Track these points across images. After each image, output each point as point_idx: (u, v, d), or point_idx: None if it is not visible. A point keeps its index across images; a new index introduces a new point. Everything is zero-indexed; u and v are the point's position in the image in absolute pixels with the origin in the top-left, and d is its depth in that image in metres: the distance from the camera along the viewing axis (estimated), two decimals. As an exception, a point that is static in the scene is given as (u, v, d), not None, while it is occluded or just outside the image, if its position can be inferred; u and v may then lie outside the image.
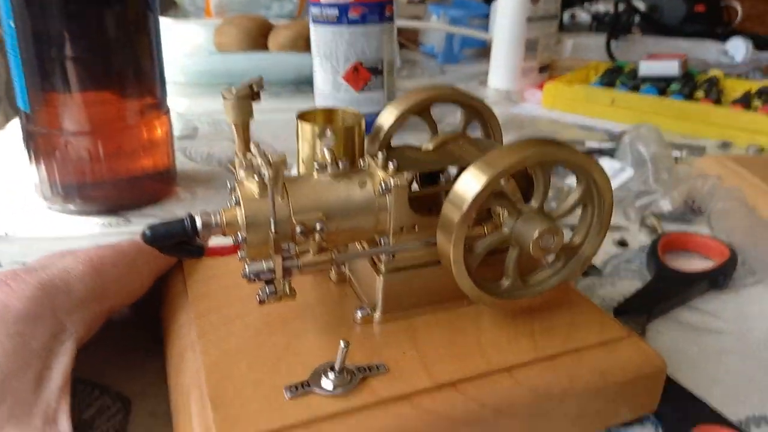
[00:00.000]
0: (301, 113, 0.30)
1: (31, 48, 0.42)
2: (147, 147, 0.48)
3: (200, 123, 0.69)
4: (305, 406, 0.23)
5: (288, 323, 0.28)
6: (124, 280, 0.29)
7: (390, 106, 0.32)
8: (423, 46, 1.08)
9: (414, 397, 0.24)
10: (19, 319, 0.25)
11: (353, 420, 0.23)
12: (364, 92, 0.63)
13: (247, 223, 0.25)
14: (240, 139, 0.29)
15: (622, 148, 0.54)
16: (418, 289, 0.29)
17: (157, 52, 0.47)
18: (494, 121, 0.34)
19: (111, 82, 0.44)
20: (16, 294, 0.25)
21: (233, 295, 0.30)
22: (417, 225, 0.27)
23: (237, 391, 0.24)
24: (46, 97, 0.43)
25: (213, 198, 0.51)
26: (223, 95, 0.28)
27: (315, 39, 0.63)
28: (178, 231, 0.25)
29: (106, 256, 0.29)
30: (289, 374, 0.25)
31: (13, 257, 0.41)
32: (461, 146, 0.31)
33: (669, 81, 0.74)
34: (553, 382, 0.26)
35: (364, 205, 0.27)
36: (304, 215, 0.26)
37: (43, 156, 0.45)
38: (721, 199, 0.46)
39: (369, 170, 0.28)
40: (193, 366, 0.26)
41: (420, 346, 0.27)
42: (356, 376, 0.24)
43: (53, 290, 0.26)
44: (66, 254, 0.30)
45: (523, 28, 0.82)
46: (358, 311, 0.28)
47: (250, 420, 0.23)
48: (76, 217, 0.47)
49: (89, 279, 0.28)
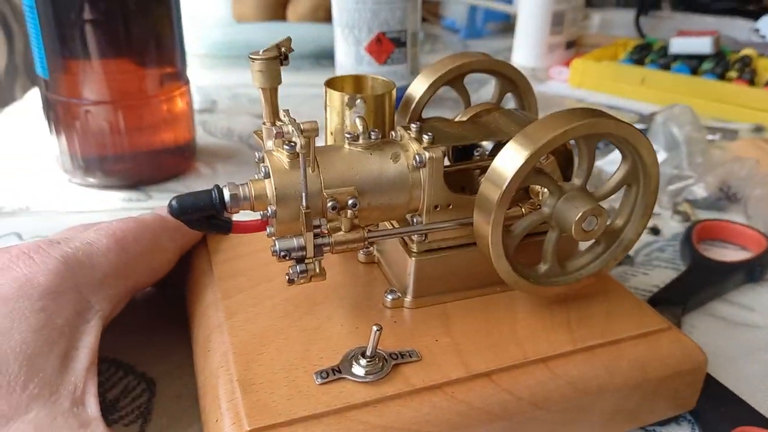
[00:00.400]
0: (329, 80, 0.28)
1: (49, 11, 0.41)
2: (168, 120, 0.47)
3: (219, 96, 0.68)
4: (336, 393, 0.23)
5: (316, 305, 0.27)
6: (149, 257, 0.29)
7: (421, 75, 0.31)
8: (444, 20, 1.05)
9: (447, 387, 0.23)
10: (44, 294, 0.24)
11: (385, 409, 0.22)
12: (387, 65, 0.61)
13: (277, 197, 0.24)
14: (268, 104, 0.27)
15: (654, 130, 0.52)
16: (450, 272, 0.27)
17: (177, 20, 0.46)
18: (530, 92, 0.32)
19: (130, 49, 0.43)
20: (39, 268, 0.25)
21: (260, 275, 0.29)
22: (452, 203, 0.26)
23: (266, 375, 0.23)
24: (65, 63, 0.42)
25: (234, 174, 0.50)
26: (251, 58, 0.26)
27: (336, 8, 0.61)
28: (206, 203, 0.24)
29: (129, 230, 0.28)
30: (319, 359, 0.24)
31: (35, 231, 0.41)
32: (497, 119, 0.29)
33: (701, 59, 0.72)
34: (590, 375, 0.25)
35: (398, 179, 0.25)
36: (335, 189, 0.24)
37: (63, 126, 0.45)
38: (758, 185, 0.44)
39: (401, 143, 0.26)
40: (220, 348, 0.25)
41: (453, 334, 0.26)
42: (388, 362, 0.24)
43: (77, 265, 0.25)
44: (89, 227, 0.29)
45: (549, 0, 0.80)
46: (388, 295, 0.27)
47: (280, 406, 0.22)
48: (97, 190, 0.47)
49: (113, 254, 0.27)
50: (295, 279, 0.25)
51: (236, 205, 0.24)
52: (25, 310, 0.23)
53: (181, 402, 0.27)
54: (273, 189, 0.24)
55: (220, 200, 0.24)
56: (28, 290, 0.24)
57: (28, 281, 0.24)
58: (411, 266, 0.27)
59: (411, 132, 0.26)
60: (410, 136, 0.26)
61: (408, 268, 0.27)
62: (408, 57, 0.62)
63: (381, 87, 0.28)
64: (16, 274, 0.24)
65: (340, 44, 0.63)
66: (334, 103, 0.28)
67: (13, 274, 0.24)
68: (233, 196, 0.24)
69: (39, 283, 0.24)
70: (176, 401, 0.27)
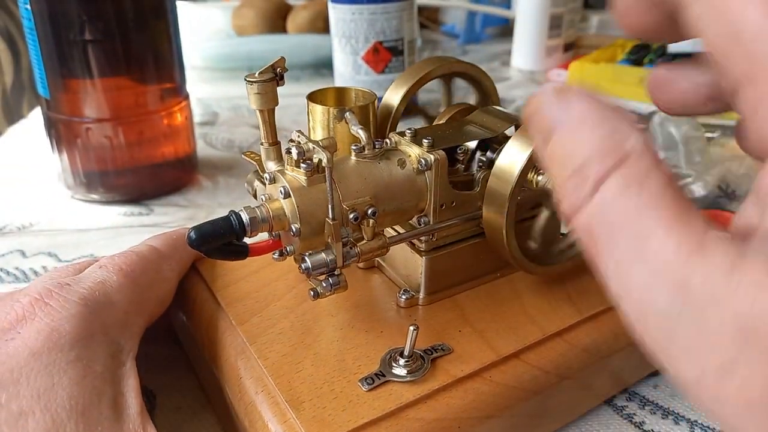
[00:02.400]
0: (311, 94, 0.28)
1: (48, 31, 0.41)
2: (168, 133, 0.47)
3: (220, 108, 0.69)
4: (386, 396, 0.23)
5: (333, 317, 0.27)
6: (156, 288, 0.28)
7: (395, 85, 0.32)
8: (444, 26, 1.06)
9: (484, 373, 0.25)
10: (75, 342, 0.22)
11: (435, 403, 0.23)
12: (384, 74, 0.62)
13: (300, 214, 0.24)
14: (266, 125, 0.27)
15: (652, 130, 0.52)
16: (457, 265, 0.29)
17: (175, 35, 0.46)
18: (494, 91, 0.34)
19: (129, 67, 0.44)
20: (61, 314, 0.23)
21: (267, 295, 0.29)
22: (455, 201, 0.27)
23: (312, 391, 0.23)
24: (65, 82, 0.43)
25: (235, 186, 0.50)
26: (247, 80, 0.26)
27: (334, 19, 0.62)
28: (226, 229, 0.23)
29: (134, 263, 0.27)
30: (357, 366, 0.24)
31: (39, 248, 0.41)
32: (479, 117, 0.30)
33: (700, 58, 0.71)
34: (600, 340, 0.27)
35: (407, 184, 0.26)
36: (353, 200, 0.25)
37: (64, 144, 0.45)
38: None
39: (401, 149, 0.27)
40: (252, 374, 0.25)
41: (473, 322, 0.27)
42: (425, 359, 0.24)
43: (96, 306, 0.24)
44: (89, 264, 0.28)
45: (546, 3, 0.80)
46: (402, 295, 0.28)
47: (338, 418, 0.22)
48: (99, 206, 0.47)
49: (128, 291, 0.26)
50: (326, 292, 0.24)
51: (256, 228, 0.24)
52: (60, 363, 0.22)
53: (181, 414, 0.27)
54: (295, 207, 0.24)
55: (240, 225, 0.23)
56: (57, 340, 0.22)
57: (54, 331, 0.22)
58: (422, 265, 0.28)
59: (406, 138, 0.27)
60: (407, 141, 0.27)
61: (419, 267, 0.28)
62: (405, 65, 0.62)
63: (363, 98, 0.29)
64: (39, 325, 0.22)
65: (338, 54, 0.63)
66: (319, 116, 0.27)
67: (36, 325, 0.22)
68: (252, 220, 0.24)
69: (66, 331, 0.22)
70: (176, 413, 0.27)
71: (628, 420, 0.28)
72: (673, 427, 0.27)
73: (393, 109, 0.31)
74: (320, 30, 0.84)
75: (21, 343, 0.22)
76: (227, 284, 0.30)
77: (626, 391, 0.29)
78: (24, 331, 0.22)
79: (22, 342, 0.22)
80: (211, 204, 0.48)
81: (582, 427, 0.28)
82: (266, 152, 0.27)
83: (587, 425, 0.28)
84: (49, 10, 0.41)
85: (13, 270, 0.39)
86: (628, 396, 0.29)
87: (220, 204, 0.48)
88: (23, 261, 0.40)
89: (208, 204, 0.48)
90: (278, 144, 0.27)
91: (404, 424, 0.22)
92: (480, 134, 0.29)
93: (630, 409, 0.28)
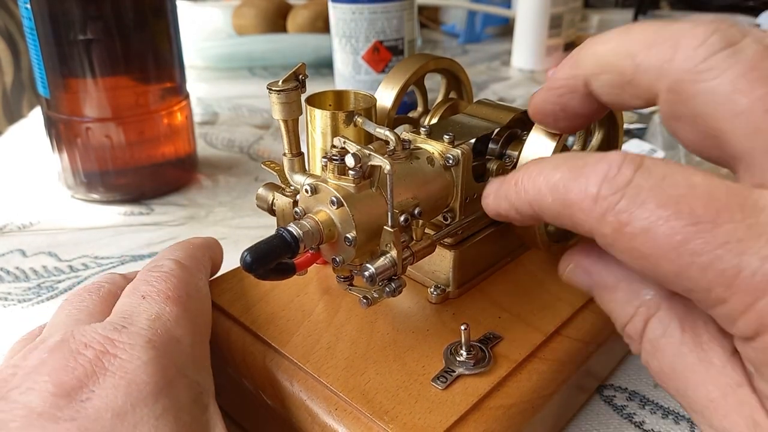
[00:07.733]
0: (310, 97, 0.27)
1: (48, 31, 0.41)
2: (168, 133, 0.47)
3: (220, 108, 0.69)
4: (463, 391, 0.23)
5: (372, 323, 0.26)
6: (204, 310, 0.25)
7: (384, 83, 0.32)
8: (444, 26, 1.06)
9: (538, 353, 0.25)
10: (158, 393, 0.20)
11: (508, 389, 0.24)
12: (384, 73, 0.62)
13: (356, 223, 0.23)
14: (290, 135, 0.25)
15: (653, 129, 0.52)
16: (480, 256, 0.29)
17: (175, 35, 0.46)
18: (469, 85, 0.35)
19: (129, 66, 0.43)
20: (133, 364, 0.20)
21: (295, 312, 0.27)
22: (477, 193, 0.27)
23: (391, 399, 0.23)
24: (65, 82, 0.43)
25: (235, 185, 0.50)
26: (270, 89, 0.24)
27: (334, 18, 0.62)
28: (282, 247, 0.22)
29: (176, 288, 0.24)
30: (422, 367, 0.24)
31: (39, 247, 0.41)
32: (480, 110, 0.31)
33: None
34: None
35: (438, 181, 0.26)
36: (399, 202, 0.24)
37: (65, 143, 0.45)
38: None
39: (422, 146, 0.27)
40: (317, 394, 0.24)
41: (507, 307, 0.27)
42: (485, 349, 0.25)
43: (165, 346, 0.21)
44: (110, 289, 0.25)
45: (546, 3, 0.80)
46: (433, 291, 0.28)
47: (427, 420, 0.22)
48: (99, 205, 0.47)
49: (184, 320, 0.23)
50: (384, 297, 0.24)
51: (309, 243, 0.23)
52: (149, 419, 0.19)
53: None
54: (350, 216, 0.23)
55: (294, 241, 0.22)
56: (139, 395, 0.19)
57: (131, 384, 0.19)
58: (451, 259, 0.28)
59: (421, 135, 0.27)
60: (422, 138, 0.27)
61: (448, 262, 0.28)
62: (405, 64, 0.62)
63: (363, 100, 0.28)
64: (113, 380, 0.19)
65: (338, 54, 0.63)
66: (319, 122, 0.26)
67: (110, 380, 0.19)
68: (306, 234, 0.23)
69: (145, 382, 0.20)
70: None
71: (628, 419, 0.28)
72: (673, 426, 0.27)
73: (388, 109, 0.31)
74: (320, 29, 0.84)
75: (100, 403, 0.19)
76: (248, 306, 0.28)
77: (626, 390, 0.29)
78: (99, 390, 0.19)
79: (100, 402, 0.19)
80: (212, 203, 0.47)
81: (582, 427, 0.27)
82: (290, 163, 0.26)
83: (587, 425, 0.27)
84: (49, 9, 0.40)
85: (13, 269, 0.39)
86: (629, 396, 0.29)
87: (221, 203, 0.47)
88: (23, 260, 0.40)
89: (209, 203, 0.47)
90: (302, 155, 0.26)
91: (489, 414, 0.23)
92: (491, 126, 0.29)
93: (630, 409, 0.28)
